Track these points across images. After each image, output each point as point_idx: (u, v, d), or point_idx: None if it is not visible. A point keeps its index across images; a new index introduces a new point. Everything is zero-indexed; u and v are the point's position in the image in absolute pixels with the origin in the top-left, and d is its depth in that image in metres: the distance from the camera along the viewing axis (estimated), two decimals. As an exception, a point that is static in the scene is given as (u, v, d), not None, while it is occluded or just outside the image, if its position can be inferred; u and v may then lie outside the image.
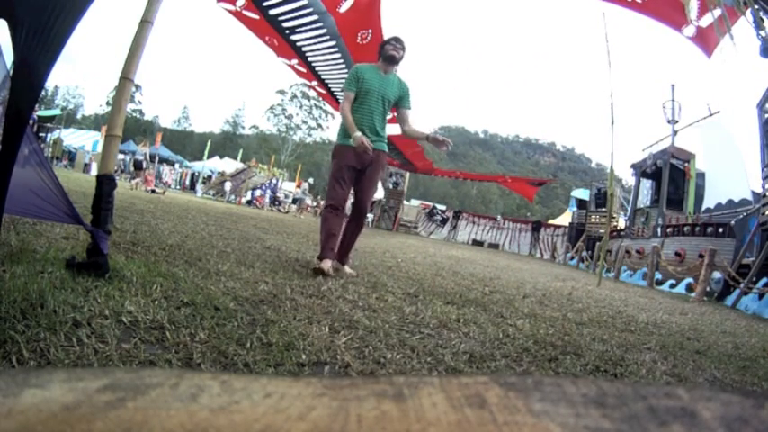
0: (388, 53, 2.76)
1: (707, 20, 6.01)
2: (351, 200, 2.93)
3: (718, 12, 4.70)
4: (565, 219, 22.15)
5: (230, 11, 8.37)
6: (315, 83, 12.33)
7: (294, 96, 48.26)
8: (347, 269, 2.81)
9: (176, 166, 26.92)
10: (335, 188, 2.73)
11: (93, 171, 17.33)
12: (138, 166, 13.57)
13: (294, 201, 21.16)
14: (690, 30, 6.44)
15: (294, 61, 10.59)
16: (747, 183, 9.91)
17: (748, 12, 4.24)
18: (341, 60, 9.96)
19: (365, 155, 2.66)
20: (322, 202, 21.76)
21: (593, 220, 15.06)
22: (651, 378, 1.58)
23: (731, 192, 10.01)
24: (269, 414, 0.20)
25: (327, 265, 2.54)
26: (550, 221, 24.63)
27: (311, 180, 24.07)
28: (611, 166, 6.49)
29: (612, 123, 6.06)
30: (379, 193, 23.83)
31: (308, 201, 22.08)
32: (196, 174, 25.23)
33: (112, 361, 0.94)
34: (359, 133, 2.60)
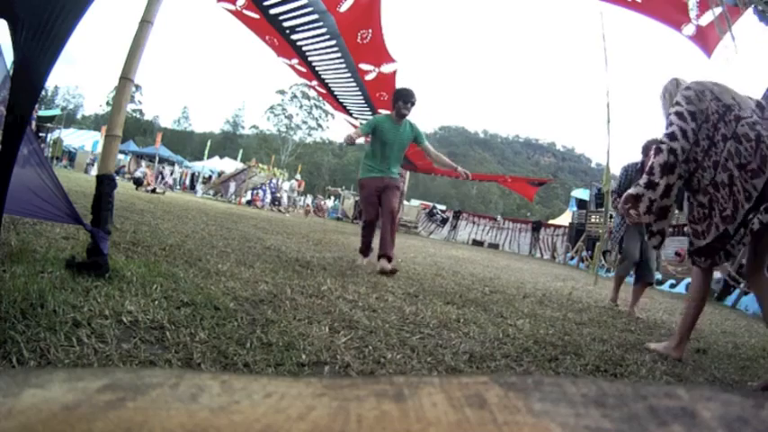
0: (401, 112, 3.47)
1: (707, 19, 6.01)
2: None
3: (718, 10, 4.70)
4: (565, 219, 22.11)
5: (230, 10, 8.37)
6: (315, 82, 12.33)
7: (294, 96, 48.27)
8: (385, 263, 3.32)
9: (176, 166, 26.93)
10: (368, 209, 3.54)
11: (94, 171, 17.35)
12: (138, 182, 13.72)
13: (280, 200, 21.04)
14: (689, 29, 6.43)
15: (294, 61, 10.59)
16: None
17: (750, 10, 4.24)
18: (341, 60, 9.96)
19: (381, 182, 3.48)
20: (323, 202, 21.67)
21: (593, 220, 15.05)
22: (651, 378, 1.58)
23: (731, 192, 9.99)
24: (269, 414, 0.20)
25: (364, 260, 3.54)
26: (550, 221, 24.58)
27: (298, 176, 23.84)
28: (607, 164, 6.49)
29: (609, 122, 6.06)
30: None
31: (298, 200, 21.90)
32: (196, 174, 25.23)
33: (112, 361, 0.94)
34: (382, 174, 3.49)
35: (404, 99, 3.46)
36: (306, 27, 8.73)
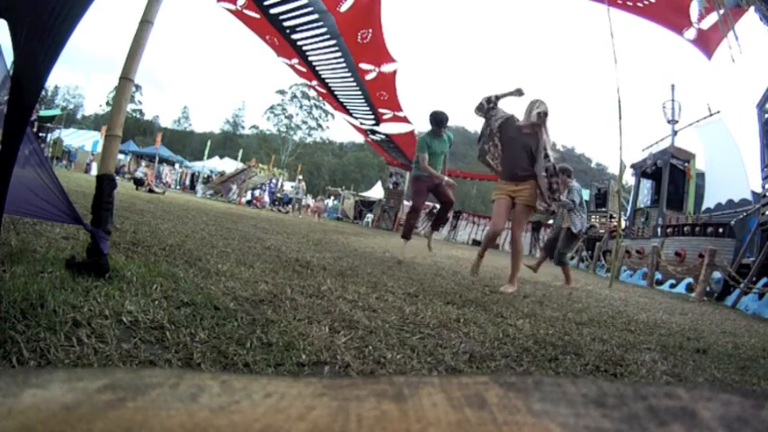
0: (439, 132, 4.60)
1: (707, 22, 6.02)
2: (423, 212, 4.89)
3: (722, 11, 4.71)
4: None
5: (231, 10, 8.38)
6: (315, 82, 12.34)
7: (294, 96, 48.30)
8: (433, 237, 5.03)
9: (176, 165, 26.93)
10: (417, 199, 4.73)
11: (93, 171, 17.36)
12: (138, 182, 13.78)
13: (288, 201, 21.00)
14: (691, 32, 6.44)
15: (294, 61, 10.60)
16: (747, 183, 9.90)
17: (752, 9, 4.25)
18: (341, 60, 9.97)
19: (432, 181, 4.63)
20: (320, 204, 21.70)
21: (593, 221, 15.05)
22: (651, 378, 1.58)
23: (731, 192, 10.01)
24: (269, 414, 0.20)
25: (406, 243, 4.61)
26: (550, 221, 24.59)
27: (300, 177, 23.88)
28: (621, 160, 6.48)
29: (620, 118, 6.06)
30: (379, 193, 23.82)
31: (306, 200, 21.91)
32: (196, 174, 25.24)
33: (112, 361, 0.94)
34: (446, 178, 4.68)
35: (438, 123, 4.56)
36: (306, 27, 8.74)
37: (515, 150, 3.50)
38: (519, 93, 3.64)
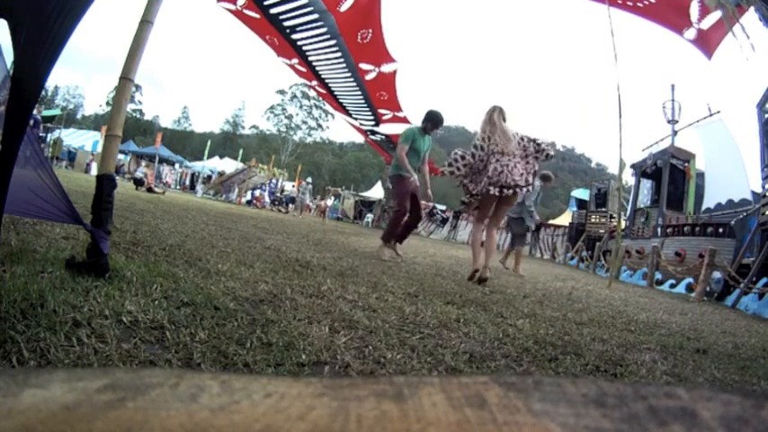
0: (429, 131, 4.52)
1: (708, 22, 6.03)
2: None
3: (725, 10, 4.72)
4: (565, 219, 22.08)
5: (231, 10, 8.38)
6: (315, 82, 12.35)
7: (294, 96, 48.36)
8: (398, 247, 4.67)
9: (176, 165, 26.93)
10: (403, 201, 4.47)
11: (93, 171, 17.37)
12: (138, 182, 13.82)
13: (292, 200, 20.97)
14: (691, 33, 6.45)
15: (294, 61, 10.60)
16: (747, 183, 9.90)
17: (752, 9, 4.26)
18: (341, 60, 9.97)
19: (414, 183, 4.47)
20: (323, 202, 21.73)
21: (593, 220, 15.04)
22: (651, 378, 1.58)
23: (731, 192, 10.00)
24: (269, 414, 0.20)
25: (392, 244, 4.47)
26: (550, 221, 24.57)
27: (309, 179, 23.88)
28: (620, 158, 6.47)
29: (620, 116, 6.06)
30: (379, 193, 23.82)
31: (309, 201, 21.92)
32: (196, 174, 25.24)
33: (112, 361, 0.94)
34: (415, 176, 4.43)
35: (435, 123, 4.46)
36: (306, 27, 8.75)
37: None
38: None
